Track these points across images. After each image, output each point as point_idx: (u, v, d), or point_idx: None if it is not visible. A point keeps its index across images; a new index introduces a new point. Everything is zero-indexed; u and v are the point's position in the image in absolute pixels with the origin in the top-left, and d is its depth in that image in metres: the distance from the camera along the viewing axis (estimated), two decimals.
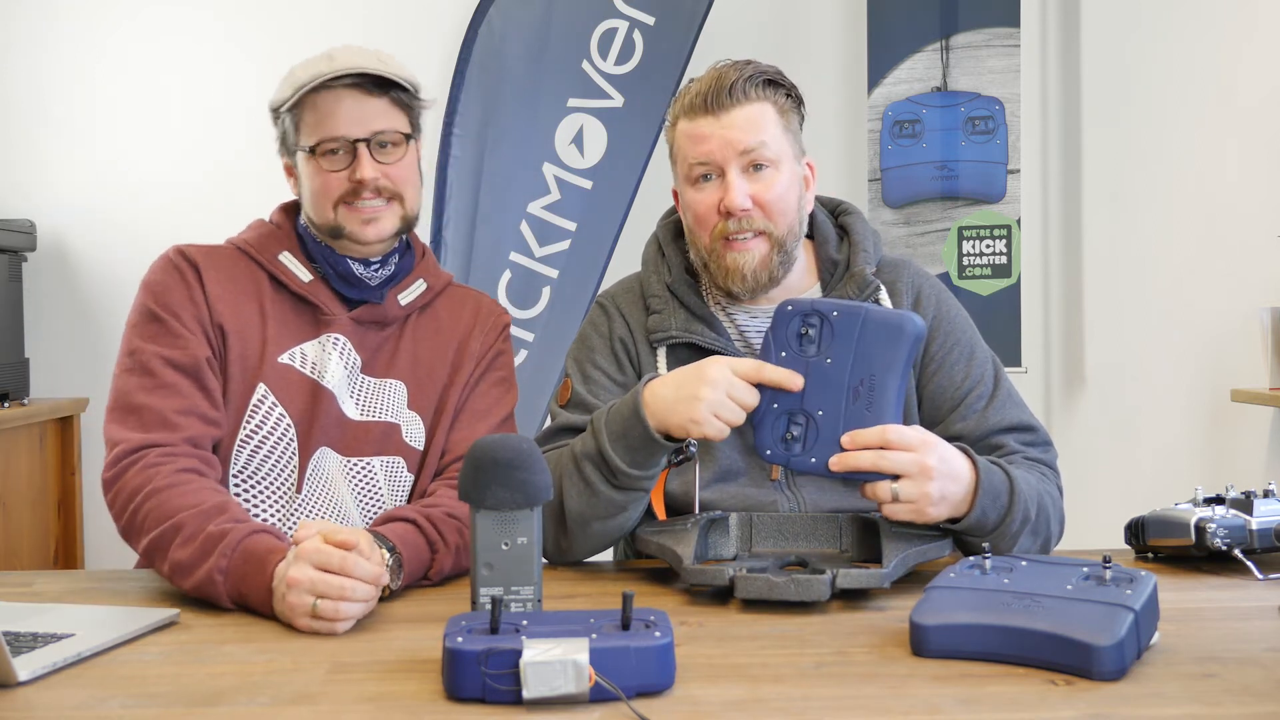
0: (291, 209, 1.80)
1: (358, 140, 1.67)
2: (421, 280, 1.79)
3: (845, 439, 1.48)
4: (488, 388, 1.79)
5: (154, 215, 3.48)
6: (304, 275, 1.72)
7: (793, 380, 1.51)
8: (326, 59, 1.67)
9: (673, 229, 1.84)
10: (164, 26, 3.52)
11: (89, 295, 3.49)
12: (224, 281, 1.69)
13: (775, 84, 1.71)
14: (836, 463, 1.48)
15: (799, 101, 1.75)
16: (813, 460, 1.51)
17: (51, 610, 1.42)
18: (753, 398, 1.52)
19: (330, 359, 1.69)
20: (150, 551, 1.49)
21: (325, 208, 1.69)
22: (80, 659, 1.23)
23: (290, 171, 1.77)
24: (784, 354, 1.53)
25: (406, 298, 1.77)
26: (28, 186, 3.49)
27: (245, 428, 1.66)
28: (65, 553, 3.30)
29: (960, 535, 1.56)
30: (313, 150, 1.68)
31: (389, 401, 1.73)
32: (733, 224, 1.68)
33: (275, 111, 1.73)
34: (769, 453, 1.53)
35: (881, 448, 1.46)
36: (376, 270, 1.73)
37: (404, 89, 1.70)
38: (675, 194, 1.80)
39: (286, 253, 1.73)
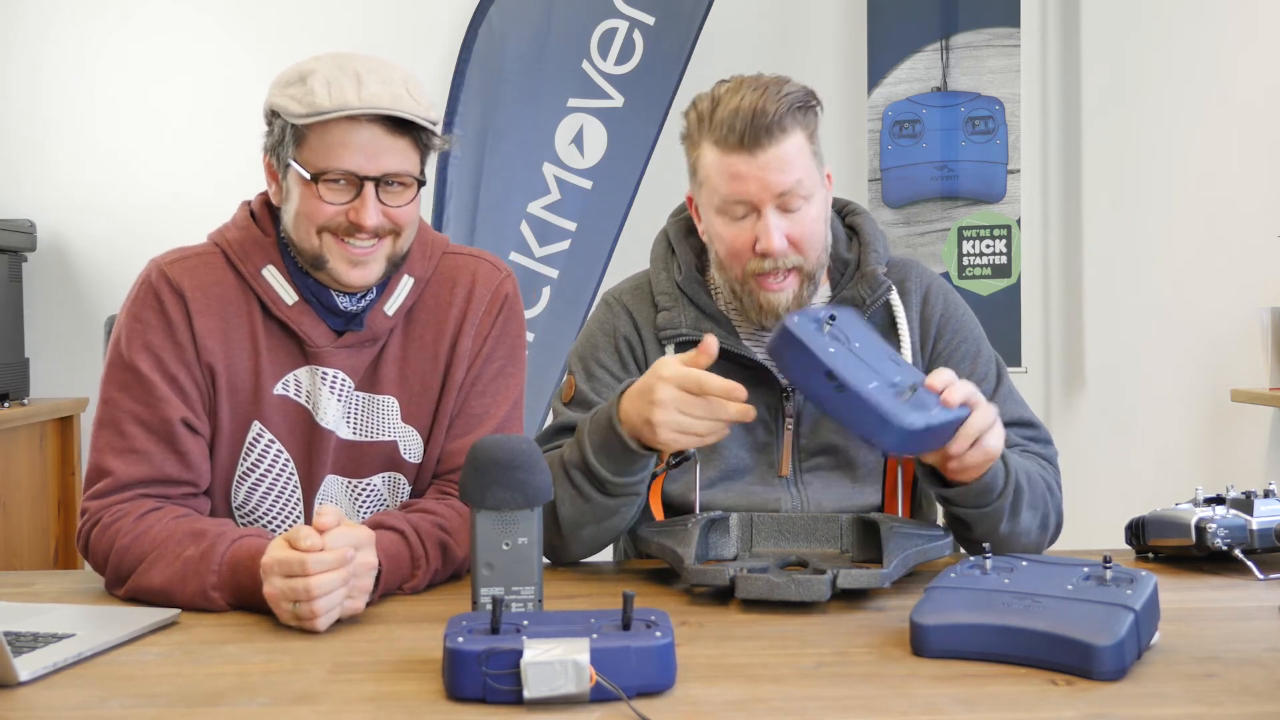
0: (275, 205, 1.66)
1: (366, 178, 1.53)
2: (408, 277, 1.65)
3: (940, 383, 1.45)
4: (484, 385, 1.68)
5: (154, 215, 3.48)
6: (289, 297, 1.60)
7: (735, 390, 1.45)
8: (354, 81, 1.51)
9: (683, 226, 1.82)
10: (164, 25, 3.52)
11: (89, 295, 3.49)
12: (212, 308, 1.59)
13: (806, 107, 1.66)
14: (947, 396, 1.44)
15: (821, 110, 1.71)
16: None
17: (51, 610, 1.42)
18: (703, 410, 1.46)
19: (322, 393, 1.61)
20: (133, 591, 1.47)
21: (309, 233, 1.55)
22: (80, 659, 1.23)
23: (273, 175, 1.60)
24: (832, 350, 1.46)
25: (393, 305, 1.64)
26: (28, 186, 3.50)
27: (242, 464, 1.62)
28: (65, 553, 3.30)
29: (962, 509, 1.55)
30: (314, 178, 1.53)
31: (382, 418, 1.65)
32: (768, 263, 1.65)
33: (274, 115, 1.57)
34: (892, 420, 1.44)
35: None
36: (361, 301, 1.61)
37: (426, 129, 1.57)
38: (690, 199, 1.77)
39: (271, 266, 1.60)
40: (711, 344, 1.49)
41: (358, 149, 1.52)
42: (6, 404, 3.15)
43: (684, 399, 1.46)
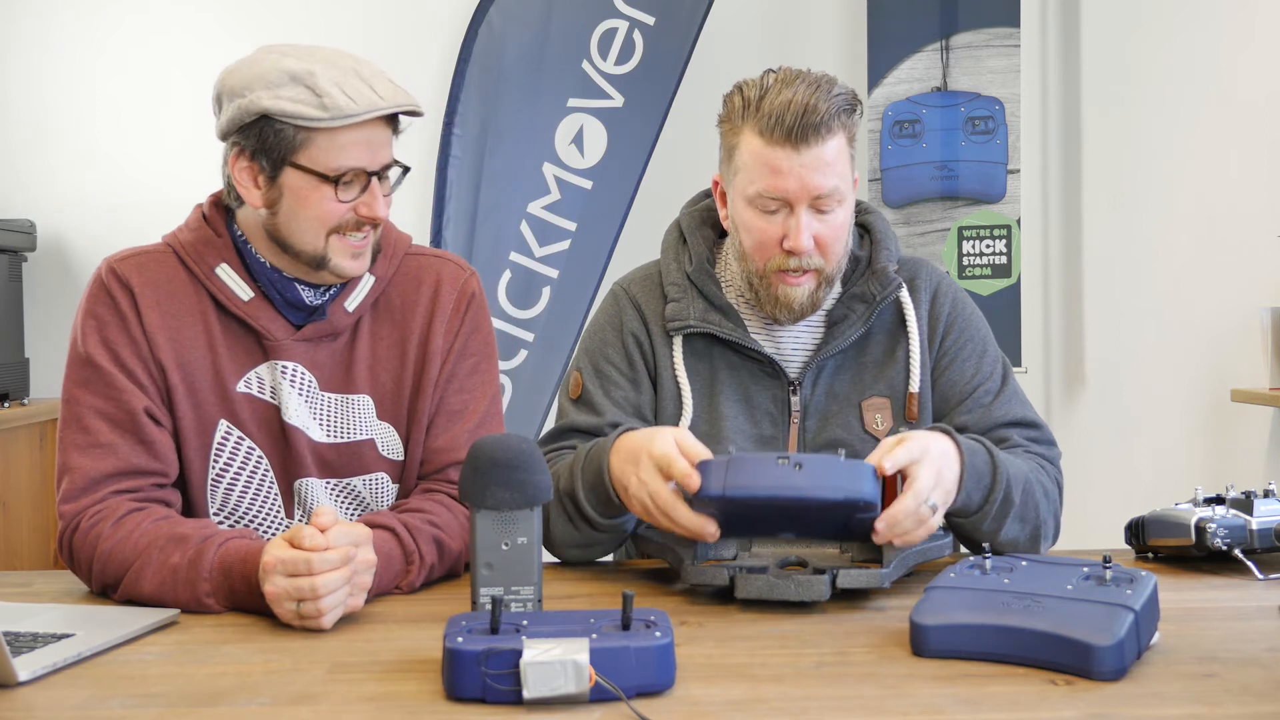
0: (224, 206, 1.64)
1: (371, 173, 1.55)
2: (369, 275, 1.65)
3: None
4: (461, 381, 1.68)
5: (155, 215, 3.45)
6: (244, 293, 1.59)
7: (705, 526, 1.44)
8: (358, 79, 1.51)
9: (697, 217, 1.82)
10: (164, 25, 3.52)
11: None
12: (162, 304, 1.59)
13: (851, 111, 1.66)
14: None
15: (861, 115, 1.70)
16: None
17: (51, 610, 1.43)
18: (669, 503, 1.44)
19: (283, 388, 1.60)
20: (125, 598, 1.47)
21: (318, 236, 1.55)
22: (80, 659, 1.23)
23: (254, 179, 1.56)
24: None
25: (354, 302, 1.64)
26: (28, 186, 3.49)
27: (214, 466, 1.60)
28: None
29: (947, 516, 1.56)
30: (336, 180, 1.52)
31: (356, 418, 1.64)
32: (792, 261, 1.66)
33: (268, 117, 1.51)
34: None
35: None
36: (324, 295, 1.62)
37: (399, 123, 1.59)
38: (716, 182, 1.76)
39: (224, 265, 1.60)
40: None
41: (365, 145, 1.54)
42: (6, 404, 3.15)
43: (657, 491, 1.46)
